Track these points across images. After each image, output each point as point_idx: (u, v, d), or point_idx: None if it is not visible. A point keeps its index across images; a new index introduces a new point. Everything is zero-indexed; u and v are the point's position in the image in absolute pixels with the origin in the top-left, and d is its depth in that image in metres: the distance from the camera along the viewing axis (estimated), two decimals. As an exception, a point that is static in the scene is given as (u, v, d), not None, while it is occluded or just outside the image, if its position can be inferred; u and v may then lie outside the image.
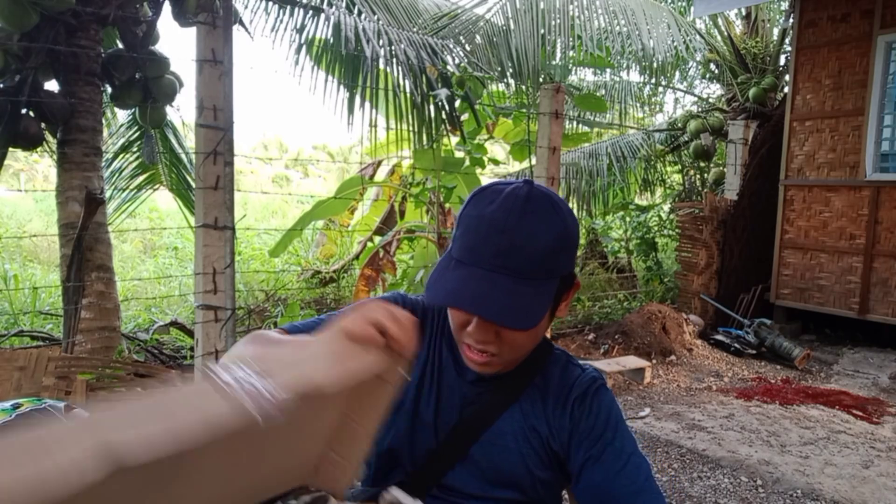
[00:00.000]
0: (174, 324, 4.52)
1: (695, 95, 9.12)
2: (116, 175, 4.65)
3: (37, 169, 17.86)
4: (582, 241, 8.14)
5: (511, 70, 5.25)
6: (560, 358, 1.08)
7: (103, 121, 3.66)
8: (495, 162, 5.59)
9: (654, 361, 4.61)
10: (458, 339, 0.99)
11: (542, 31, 5.37)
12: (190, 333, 4.29)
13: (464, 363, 1.04)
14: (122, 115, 4.71)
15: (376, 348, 0.76)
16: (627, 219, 7.66)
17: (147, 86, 3.61)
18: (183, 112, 5.17)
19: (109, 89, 3.70)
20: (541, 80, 5.43)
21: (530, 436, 1.01)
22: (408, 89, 4.09)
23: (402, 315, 0.80)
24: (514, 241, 0.88)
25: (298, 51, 4.11)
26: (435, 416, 1.04)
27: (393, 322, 0.78)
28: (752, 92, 6.97)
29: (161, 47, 3.64)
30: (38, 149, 3.47)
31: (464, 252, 0.91)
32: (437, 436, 1.04)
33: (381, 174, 7.21)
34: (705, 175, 8.15)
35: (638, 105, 8.79)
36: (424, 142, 4.30)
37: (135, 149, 4.59)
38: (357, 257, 6.46)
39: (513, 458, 1.01)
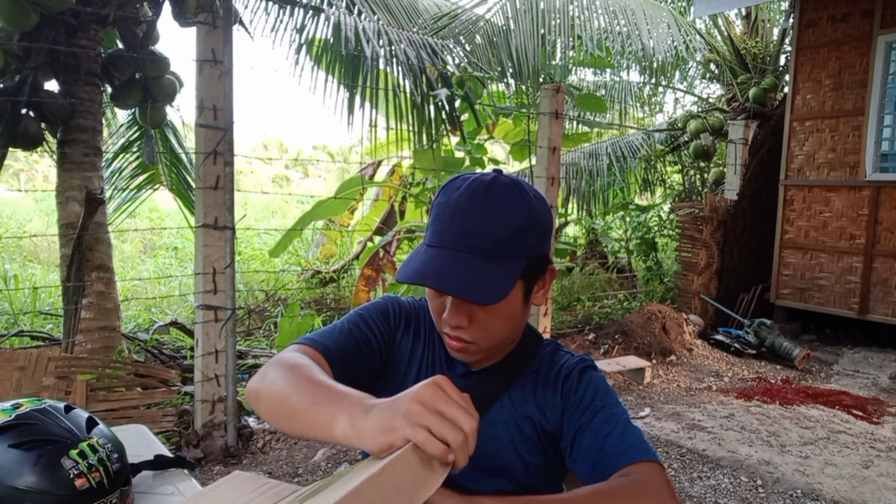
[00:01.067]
0: (174, 324, 4.53)
1: (695, 95, 9.12)
2: (116, 175, 4.65)
3: (37, 169, 17.86)
4: (582, 240, 8.15)
5: (511, 70, 5.25)
6: (548, 346, 1.10)
7: (103, 121, 3.66)
8: (495, 162, 5.59)
9: (654, 361, 4.61)
10: (439, 329, 1.01)
11: (542, 31, 5.37)
12: (190, 333, 4.29)
13: (456, 360, 1.06)
14: (122, 115, 4.71)
15: (441, 465, 0.70)
16: (627, 219, 7.66)
17: (147, 86, 3.61)
18: (183, 112, 5.18)
19: (109, 89, 3.70)
20: (541, 80, 5.43)
21: (521, 423, 1.03)
22: (408, 89, 4.09)
23: (470, 422, 0.72)
24: (478, 222, 0.91)
25: (298, 51, 4.11)
26: None
27: (463, 438, 0.71)
28: (752, 92, 6.97)
29: (161, 47, 3.64)
30: (38, 149, 3.47)
31: (433, 237, 0.95)
32: None
33: (381, 174, 7.21)
34: (705, 175, 8.16)
35: (638, 105, 8.80)
36: (424, 142, 4.30)
37: (135, 149, 4.59)
38: (357, 257, 6.46)
39: (504, 446, 1.03)
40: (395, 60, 4.08)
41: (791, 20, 5.87)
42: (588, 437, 0.95)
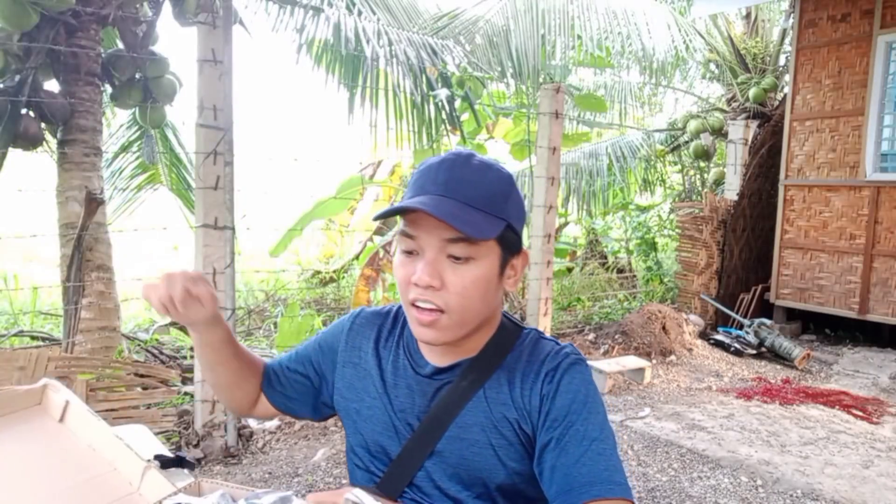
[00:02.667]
0: (174, 324, 4.52)
1: (695, 95, 9.12)
2: (116, 175, 4.65)
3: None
4: (582, 241, 8.15)
5: (511, 70, 5.25)
6: (529, 335, 1.04)
7: (103, 121, 3.66)
8: (495, 162, 5.58)
9: (654, 361, 4.60)
10: (406, 304, 0.96)
11: (542, 31, 5.37)
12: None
13: (422, 362, 1.03)
14: (123, 115, 4.71)
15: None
16: (627, 219, 7.66)
17: (147, 86, 3.61)
18: (183, 112, 5.18)
19: (109, 89, 3.70)
20: (541, 80, 5.43)
21: (500, 426, 0.97)
22: (408, 89, 4.09)
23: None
24: (464, 174, 0.93)
25: (298, 51, 4.12)
26: (396, 418, 1.03)
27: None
28: (752, 92, 6.97)
29: (161, 47, 3.64)
30: (38, 149, 3.47)
31: (414, 192, 0.95)
32: (400, 437, 1.02)
33: (381, 174, 7.21)
34: (705, 175, 8.16)
35: (638, 105, 8.80)
36: (424, 142, 4.30)
37: (135, 149, 4.60)
38: (357, 257, 6.46)
39: (483, 451, 0.97)
40: (395, 60, 4.08)
41: (791, 20, 5.86)
42: (559, 456, 0.91)
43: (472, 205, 0.90)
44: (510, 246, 0.96)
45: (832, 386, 4.36)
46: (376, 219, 0.95)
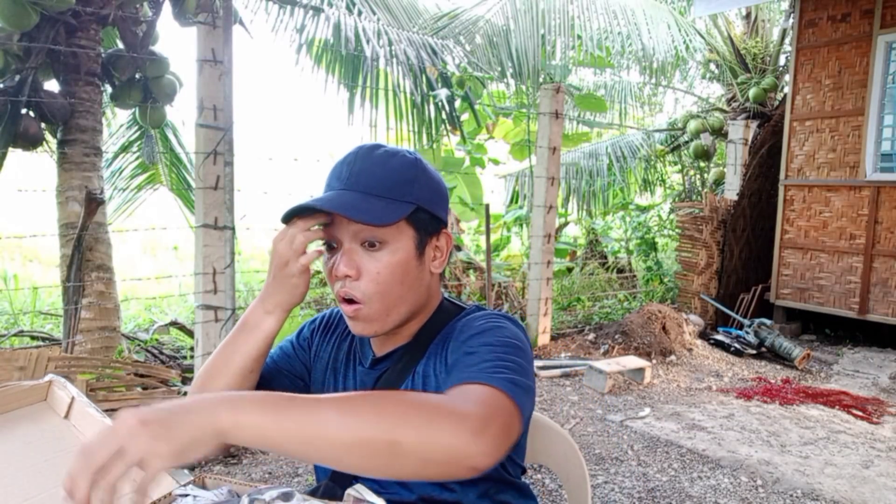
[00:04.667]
0: (174, 324, 4.52)
1: (695, 95, 9.12)
2: (116, 175, 4.65)
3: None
4: (582, 241, 8.15)
5: (511, 70, 5.25)
6: (469, 313, 1.02)
7: (103, 121, 3.66)
8: (495, 162, 5.59)
9: (654, 361, 4.60)
10: (337, 297, 0.97)
11: (542, 31, 5.37)
12: (190, 333, 4.29)
13: (368, 354, 1.06)
14: (123, 115, 4.71)
15: None
16: (627, 219, 7.66)
17: (147, 86, 3.61)
18: (183, 112, 5.18)
19: (109, 89, 3.70)
20: (541, 80, 5.43)
21: None
22: (408, 89, 4.09)
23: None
24: (364, 167, 0.95)
25: (298, 51, 4.12)
26: None
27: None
28: (752, 92, 6.97)
29: (161, 47, 3.64)
30: (38, 149, 3.47)
31: (323, 191, 0.99)
32: None
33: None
34: (705, 175, 8.16)
35: (638, 105, 8.80)
36: (424, 142, 4.31)
37: (135, 149, 4.60)
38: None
39: None
40: (395, 60, 4.09)
41: (791, 20, 5.86)
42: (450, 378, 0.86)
43: (372, 193, 0.92)
44: (425, 227, 0.97)
45: (832, 386, 4.36)
46: (284, 220, 0.97)
